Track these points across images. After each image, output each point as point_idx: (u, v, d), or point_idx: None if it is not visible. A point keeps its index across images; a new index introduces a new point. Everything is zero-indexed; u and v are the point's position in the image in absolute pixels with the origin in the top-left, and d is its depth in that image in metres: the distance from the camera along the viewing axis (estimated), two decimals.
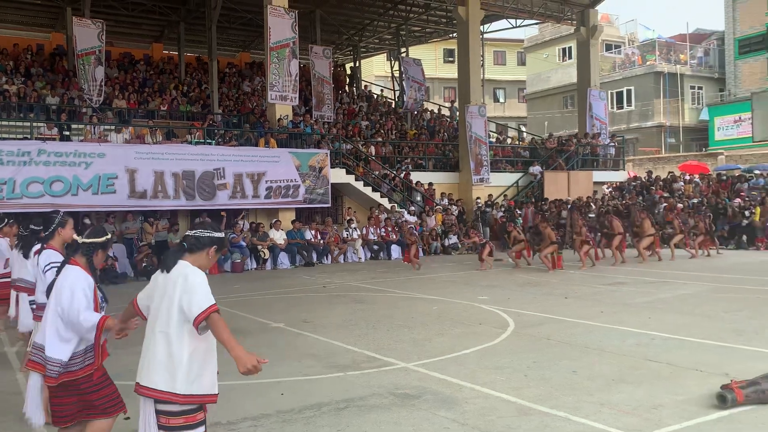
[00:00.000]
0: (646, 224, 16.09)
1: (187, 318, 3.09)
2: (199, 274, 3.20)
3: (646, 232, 16.03)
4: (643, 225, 16.11)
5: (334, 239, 18.52)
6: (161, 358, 3.13)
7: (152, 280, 3.34)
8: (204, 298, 3.10)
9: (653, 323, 8.24)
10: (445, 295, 11.38)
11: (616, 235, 15.69)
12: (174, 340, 3.11)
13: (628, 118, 40.54)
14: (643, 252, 16.01)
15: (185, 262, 3.25)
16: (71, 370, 3.77)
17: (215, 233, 3.37)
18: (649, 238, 16.10)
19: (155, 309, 3.24)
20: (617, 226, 15.72)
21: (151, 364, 3.17)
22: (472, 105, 23.26)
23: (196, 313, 3.07)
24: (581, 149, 25.72)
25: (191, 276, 3.16)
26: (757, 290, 10.87)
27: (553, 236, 14.81)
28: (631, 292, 11.18)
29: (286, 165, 17.97)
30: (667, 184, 25.09)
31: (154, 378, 3.14)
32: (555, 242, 14.83)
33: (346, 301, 10.96)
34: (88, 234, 4.02)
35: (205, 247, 3.32)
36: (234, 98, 23.99)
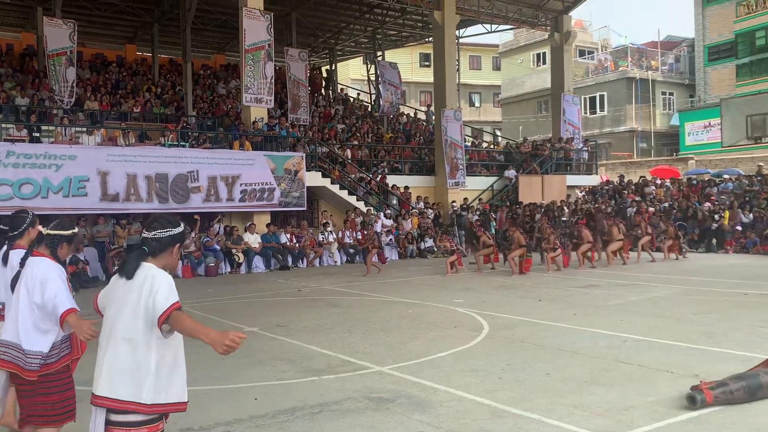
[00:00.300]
0: (614, 231, 16.23)
1: (152, 320, 2.93)
2: (164, 274, 3.04)
3: (614, 238, 16.18)
4: (611, 231, 16.26)
5: (310, 243, 18.45)
6: (125, 366, 2.93)
7: (112, 282, 3.14)
8: (167, 297, 2.93)
9: (625, 325, 8.35)
10: (420, 298, 11.40)
11: (585, 243, 15.84)
12: (140, 347, 2.93)
13: (601, 123, 41.09)
14: (609, 254, 16.17)
15: (149, 264, 3.06)
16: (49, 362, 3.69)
17: (174, 229, 3.16)
18: (618, 243, 16.24)
19: (113, 316, 3.04)
20: (586, 235, 15.80)
21: (112, 373, 2.95)
22: (448, 109, 23.39)
23: (159, 312, 2.90)
24: (555, 153, 25.99)
25: (158, 278, 2.99)
26: (726, 293, 11.07)
27: (522, 240, 14.91)
28: (604, 294, 11.31)
29: (261, 168, 17.87)
30: (639, 188, 25.48)
31: (116, 388, 2.93)
32: (523, 246, 14.92)
33: (321, 305, 10.92)
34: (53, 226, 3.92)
35: (168, 247, 3.14)
36: (208, 100, 23.80)
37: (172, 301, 2.94)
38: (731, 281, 12.60)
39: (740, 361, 6.23)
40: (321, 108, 26.63)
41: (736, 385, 5.04)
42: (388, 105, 26.94)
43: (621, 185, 26.40)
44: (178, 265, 3.48)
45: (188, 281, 15.45)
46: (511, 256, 14.86)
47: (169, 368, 3.00)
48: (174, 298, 2.96)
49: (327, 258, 18.65)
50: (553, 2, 27.32)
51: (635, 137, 40.06)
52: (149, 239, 3.11)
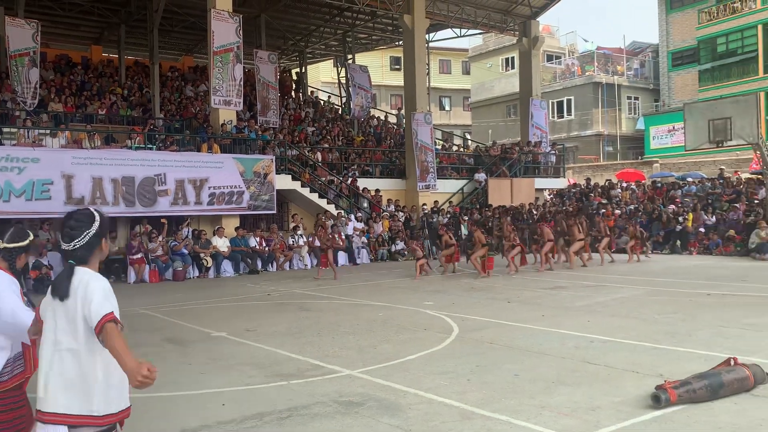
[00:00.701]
0: (575, 231, 16.41)
1: (90, 329, 2.74)
2: (99, 279, 2.82)
3: (576, 238, 16.36)
4: (573, 232, 16.44)
5: (280, 246, 18.32)
6: (71, 378, 2.77)
7: (48, 295, 2.90)
8: (101, 304, 2.72)
9: (592, 326, 8.45)
10: (391, 301, 11.39)
11: (546, 242, 16.00)
12: (84, 357, 2.76)
13: (568, 127, 41.67)
14: (571, 256, 16.37)
15: (83, 269, 2.84)
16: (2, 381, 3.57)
17: (92, 226, 2.90)
18: (579, 243, 16.43)
19: (53, 327, 2.84)
20: (547, 233, 16.01)
21: (57, 387, 2.78)
22: (418, 112, 23.47)
23: (93, 323, 2.70)
24: (523, 157, 26.26)
25: (91, 284, 2.77)
26: (690, 293, 11.29)
27: (483, 239, 14.99)
28: (571, 296, 11.44)
29: (230, 171, 17.70)
30: (605, 190, 25.87)
31: (64, 402, 2.77)
32: (485, 245, 15.00)
33: (291, 309, 10.84)
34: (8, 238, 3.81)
35: (95, 247, 2.90)
36: (176, 103, 23.51)
37: (105, 312, 2.71)
38: (695, 282, 12.85)
39: (703, 360, 6.35)
40: (291, 111, 26.50)
41: (698, 384, 5.13)
42: (358, 108, 26.94)
43: (588, 188, 26.79)
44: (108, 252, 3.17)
45: (155, 286, 15.23)
46: (473, 257, 14.95)
47: (118, 374, 2.82)
48: (107, 308, 2.73)
49: (297, 261, 18.55)
50: (521, 7, 27.63)
51: (601, 141, 40.72)
52: (71, 251, 2.86)
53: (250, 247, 17.59)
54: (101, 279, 2.82)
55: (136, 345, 8.15)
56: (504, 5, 27.43)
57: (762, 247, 17.48)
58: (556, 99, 41.81)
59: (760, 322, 8.44)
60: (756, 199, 20.90)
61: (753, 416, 4.79)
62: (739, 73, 34.93)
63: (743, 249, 18.36)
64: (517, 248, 15.57)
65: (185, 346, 8.05)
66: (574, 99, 41.37)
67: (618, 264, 17.01)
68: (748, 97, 19.35)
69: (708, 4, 36.88)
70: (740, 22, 34.87)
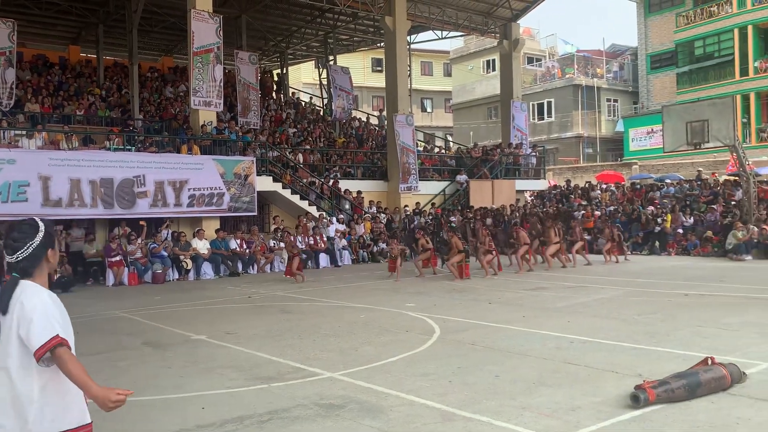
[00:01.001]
0: (552, 233, 16.43)
1: (27, 349, 2.59)
2: (39, 294, 2.66)
3: (552, 241, 16.43)
4: (549, 234, 16.47)
5: (261, 248, 18.23)
6: (4, 398, 2.61)
7: None
8: (42, 329, 2.56)
9: (572, 327, 8.51)
10: (372, 303, 11.37)
11: (522, 245, 15.93)
12: (16, 376, 2.60)
13: (548, 129, 41.99)
14: (548, 258, 16.41)
15: (25, 283, 2.70)
16: None
17: (36, 237, 2.73)
18: (555, 246, 16.45)
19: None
20: (523, 237, 15.96)
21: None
22: (400, 114, 23.50)
23: (34, 348, 2.55)
24: (504, 159, 26.41)
25: (31, 299, 2.63)
26: (668, 294, 11.42)
27: (459, 245, 14.77)
28: (552, 297, 11.51)
29: (210, 172, 17.58)
30: (585, 192, 26.09)
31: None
32: (462, 251, 14.75)
33: (272, 312, 10.78)
34: None
35: (40, 258, 2.75)
36: (156, 104, 23.31)
37: (49, 336, 2.56)
38: (673, 282, 13.00)
39: (681, 359, 6.42)
40: (272, 112, 26.39)
41: (677, 383, 5.18)
42: (340, 110, 26.93)
43: (568, 189, 27.00)
44: (56, 263, 3.03)
45: (135, 289, 15.08)
46: (450, 262, 14.82)
47: (61, 394, 2.67)
48: (51, 332, 2.57)
49: (278, 264, 18.45)
50: (502, 10, 27.80)
51: (581, 143, 41.09)
52: (14, 263, 2.72)
53: (230, 250, 17.47)
54: (41, 294, 2.67)
55: (116, 348, 8.06)
56: (485, 8, 27.58)
57: (739, 248, 17.74)
58: (537, 101, 42.14)
59: (737, 321, 8.56)
60: (733, 200, 21.21)
61: (729, 415, 4.85)
62: (716, 76, 35.47)
63: (720, 250, 18.62)
64: (490, 255, 15.23)
65: (165, 349, 7.97)
66: (554, 101, 41.71)
67: (596, 266, 17.15)
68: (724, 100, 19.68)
69: (685, 8, 37.42)
70: (717, 25, 35.41)
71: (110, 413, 2.73)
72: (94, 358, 7.39)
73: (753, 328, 8.10)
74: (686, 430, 4.57)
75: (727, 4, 35.10)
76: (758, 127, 34.04)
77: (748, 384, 5.57)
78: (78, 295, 13.79)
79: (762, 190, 20.80)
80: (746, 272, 14.69)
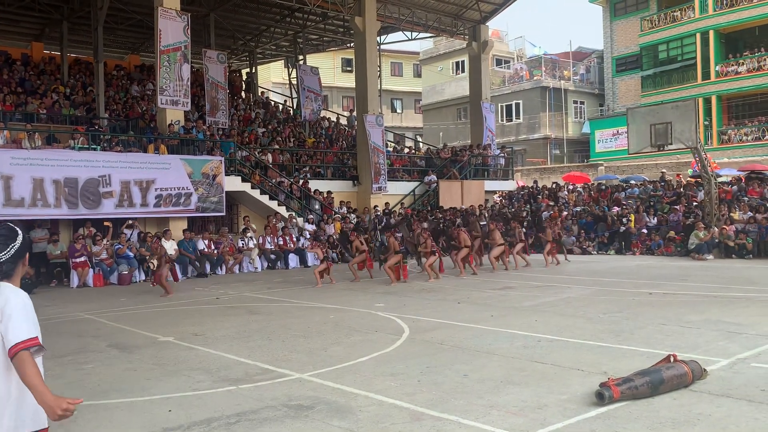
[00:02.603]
0: (496, 235, 16.25)
1: (5, 346, 2.61)
2: (20, 295, 2.68)
3: (497, 243, 16.27)
4: (493, 236, 16.29)
5: (229, 249, 18.07)
6: None
7: None
8: (21, 327, 2.58)
9: (539, 325, 8.61)
10: (342, 303, 11.37)
11: (462, 248, 15.50)
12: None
13: (516, 130, 42.44)
14: (492, 260, 16.27)
15: (5, 283, 2.73)
16: None
17: (15, 242, 2.79)
18: (499, 248, 16.26)
19: None
20: (464, 239, 15.52)
21: None
22: (370, 114, 23.53)
23: (12, 342, 2.57)
24: (473, 159, 26.61)
25: (12, 298, 2.65)
26: (633, 292, 11.63)
27: (396, 246, 14.44)
28: (519, 296, 11.64)
29: (178, 172, 17.37)
30: (553, 192, 26.44)
31: None
32: (399, 252, 14.43)
33: (240, 313, 10.70)
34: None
35: (18, 262, 2.79)
36: (122, 102, 22.93)
37: (26, 336, 2.58)
38: (638, 281, 13.25)
39: (645, 357, 6.54)
40: (241, 111, 26.18)
41: (640, 380, 5.28)
42: (309, 112, 26.83)
43: (535, 190, 27.32)
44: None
45: (100, 290, 14.82)
46: (387, 265, 14.24)
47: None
48: (28, 332, 2.59)
49: (247, 264, 18.32)
50: (471, 12, 28.01)
51: (549, 144, 41.63)
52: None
53: (198, 250, 17.28)
54: (22, 294, 2.69)
55: (81, 351, 7.91)
56: (454, 9, 27.75)
57: (700, 248, 18.16)
58: (505, 102, 42.56)
59: (699, 319, 8.76)
60: (695, 201, 21.71)
61: (691, 411, 4.96)
62: (680, 79, 36.28)
63: (683, 249, 19.04)
64: (432, 257, 14.75)
65: (131, 351, 7.85)
66: (522, 103, 42.17)
67: (565, 265, 17.39)
68: (687, 103, 20.08)
69: (650, 12, 38.17)
70: (680, 30, 36.21)
71: (74, 417, 2.68)
72: (58, 361, 7.24)
73: (714, 325, 8.30)
74: (649, 425, 4.66)
75: (690, 9, 35.92)
76: (719, 130, 34.91)
77: (709, 380, 5.70)
78: (41, 296, 13.49)
79: (723, 191, 21.32)
80: (708, 271, 15.04)
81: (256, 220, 20.01)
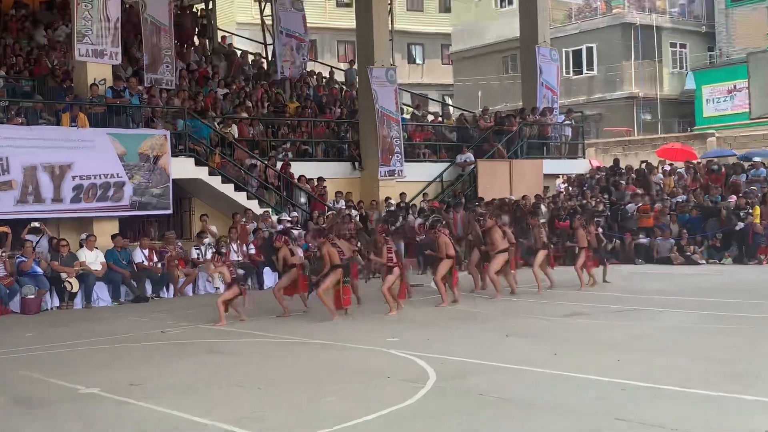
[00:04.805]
0: (496, 236, 15.42)
1: None
2: None
3: (496, 247, 15.39)
4: (493, 237, 15.46)
5: (179, 262, 18.14)
6: None
7: None
8: None
9: (622, 367, 8.58)
10: (339, 336, 11.39)
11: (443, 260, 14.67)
12: None
13: (589, 86, 42.25)
14: (493, 278, 15.57)
15: None
16: None
17: None
18: (500, 258, 15.44)
19: None
20: (445, 246, 14.63)
21: None
22: (378, 67, 23.48)
23: None
24: (527, 130, 26.50)
25: None
26: (757, 319, 11.58)
27: (334, 257, 13.47)
28: (593, 325, 11.64)
29: (104, 153, 17.46)
30: (642, 176, 26.24)
31: None
32: (337, 266, 13.47)
33: (195, 352, 10.75)
34: None
35: None
36: (24, 54, 23.04)
37: None
38: (764, 303, 13.18)
39: None
40: (193, 65, 26.25)
41: None
42: (289, 65, 26.81)
43: (617, 173, 27.11)
44: None
45: None
46: (320, 289, 13.42)
47: None
48: None
49: (204, 283, 18.38)
50: None
51: (635, 106, 41.37)
52: None
53: (135, 264, 17.36)
54: None
55: None
56: None
57: None
58: (572, 47, 42.40)
59: None
60: None
61: None
62: None
63: None
64: (391, 274, 14.12)
65: (42, 408, 7.91)
66: (596, 47, 41.97)
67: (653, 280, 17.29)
68: None
69: None
70: None
71: None
72: None
73: None
74: None
75: None
76: None
77: None
78: None
79: None
80: None
81: (217, 219, 20.07)
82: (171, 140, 18.63)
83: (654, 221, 21.84)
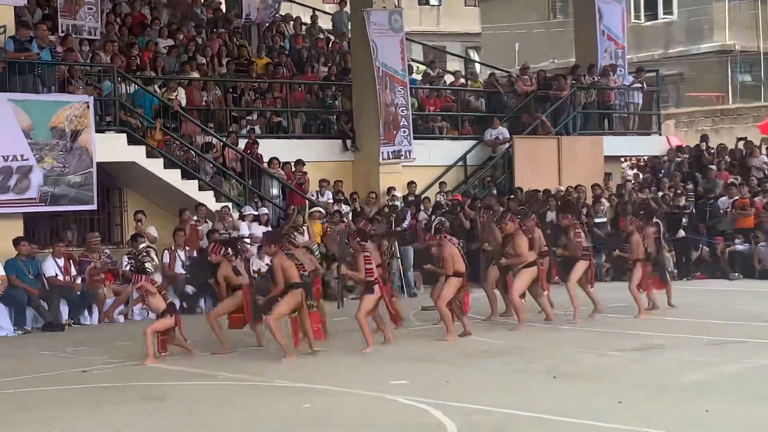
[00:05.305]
0: (520, 242, 15.23)
1: None
2: None
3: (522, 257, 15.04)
4: (518, 244, 15.24)
5: (106, 276, 18.17)
6: None
7: None
8: None
9: (712, 420, 8.59)
10: (329, 380, 11.44)
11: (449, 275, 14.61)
12: None
13: (666, 37, 42.25)
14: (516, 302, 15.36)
15: None
16: None
17: None
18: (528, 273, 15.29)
19: None
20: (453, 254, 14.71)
21: None
22: (377, 10, 23.48)
23: None
24: (582, 95, 26.49)
25: None
26: None
27: (294, 274, 13.37)
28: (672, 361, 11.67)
29: (3, 126, 17.51)
30: (739, 159, 26.23)
31: None
32: (293, 286, 13.35)
33: (128, 399, 10.78)
34: None
35: None
36: None
37: None
38: None
39: None
40: (126, 8, 26.26)
41: None
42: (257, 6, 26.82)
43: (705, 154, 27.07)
44: None
45: None
46: (269, 318, 13.25)
47: None
48: None
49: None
50: None
51: (729, 63, 41.33)
52: None
53: (45, 278, 17.40)
54: None
55: None
56: None
57: None
58: None
59: None
60: None
61: None
62: None
63: None
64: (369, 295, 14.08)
65: None
66: None
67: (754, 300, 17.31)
68: None
69: None
70: None
71: None
72: None
73: None
74: None
75: None
76: None
77: None
78: None
79: None
80: None
81: (158, 218, 20.10)
82: (95, 110, 18.65)
83: (755, 221, 21.81)
